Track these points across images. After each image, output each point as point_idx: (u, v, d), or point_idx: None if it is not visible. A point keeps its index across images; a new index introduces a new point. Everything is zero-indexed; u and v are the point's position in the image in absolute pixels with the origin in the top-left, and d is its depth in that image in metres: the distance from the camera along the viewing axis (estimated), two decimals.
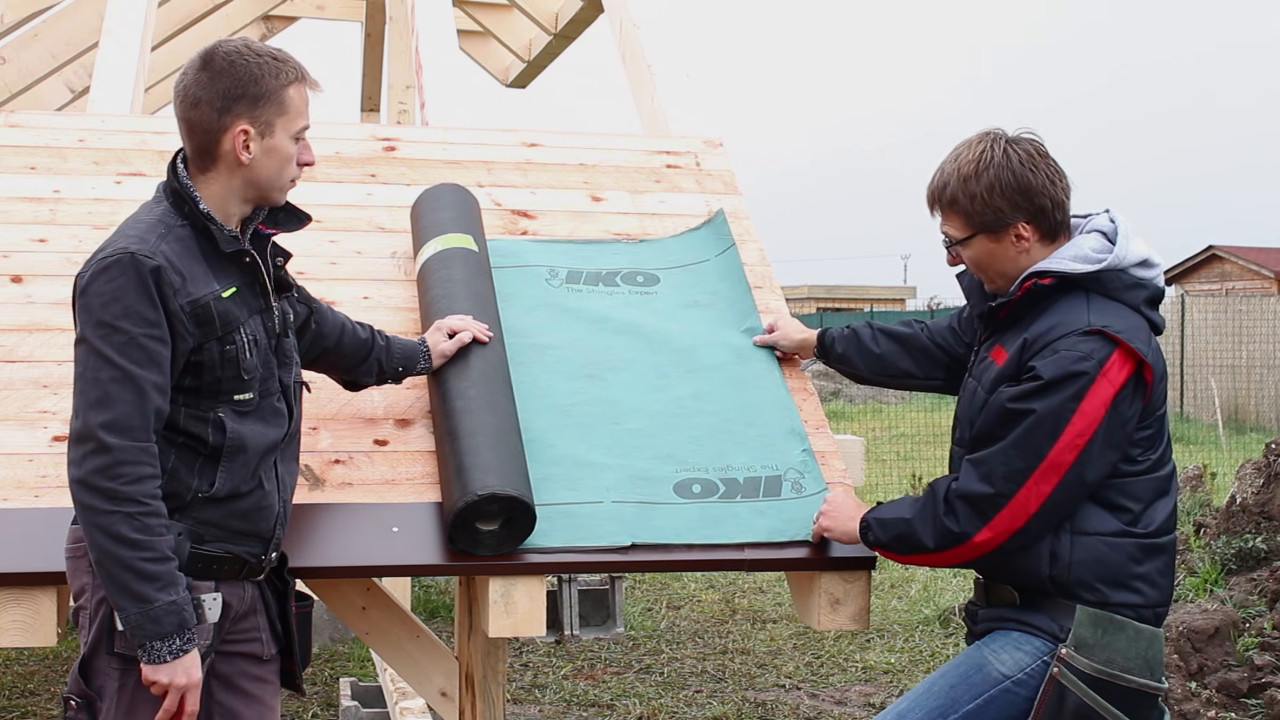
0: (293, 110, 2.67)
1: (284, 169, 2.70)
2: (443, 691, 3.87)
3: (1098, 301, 2.82)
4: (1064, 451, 2.70)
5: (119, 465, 2.44)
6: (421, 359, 3.22)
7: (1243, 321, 21.01)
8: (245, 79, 2.62)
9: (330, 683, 6.51)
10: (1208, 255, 32.85)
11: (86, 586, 2.59)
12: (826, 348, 3.52)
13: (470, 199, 3.82)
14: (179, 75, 2.70)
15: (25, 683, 6.54)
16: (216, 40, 2.73)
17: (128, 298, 2.49)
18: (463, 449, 2.98)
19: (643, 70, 5.11)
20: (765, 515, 3.17)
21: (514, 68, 9.07)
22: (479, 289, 3.44)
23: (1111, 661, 2.74)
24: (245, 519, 2.66)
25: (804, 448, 3.35)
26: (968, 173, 2.88)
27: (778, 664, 7.04)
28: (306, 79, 2.71)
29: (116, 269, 2.49)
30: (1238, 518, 7.42)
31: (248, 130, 2.63)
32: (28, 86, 6.92)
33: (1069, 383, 2.70)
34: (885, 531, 2.89)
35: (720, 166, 4.41)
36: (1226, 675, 5.66)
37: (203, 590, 2.59)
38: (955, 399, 3.15)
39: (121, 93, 4.64)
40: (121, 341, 2.47)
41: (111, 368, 2.46)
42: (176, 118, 2.69)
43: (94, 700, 2.58)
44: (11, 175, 3.86)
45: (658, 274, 3.87)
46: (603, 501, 3.14)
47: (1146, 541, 2.80)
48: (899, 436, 15.80)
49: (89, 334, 2.49)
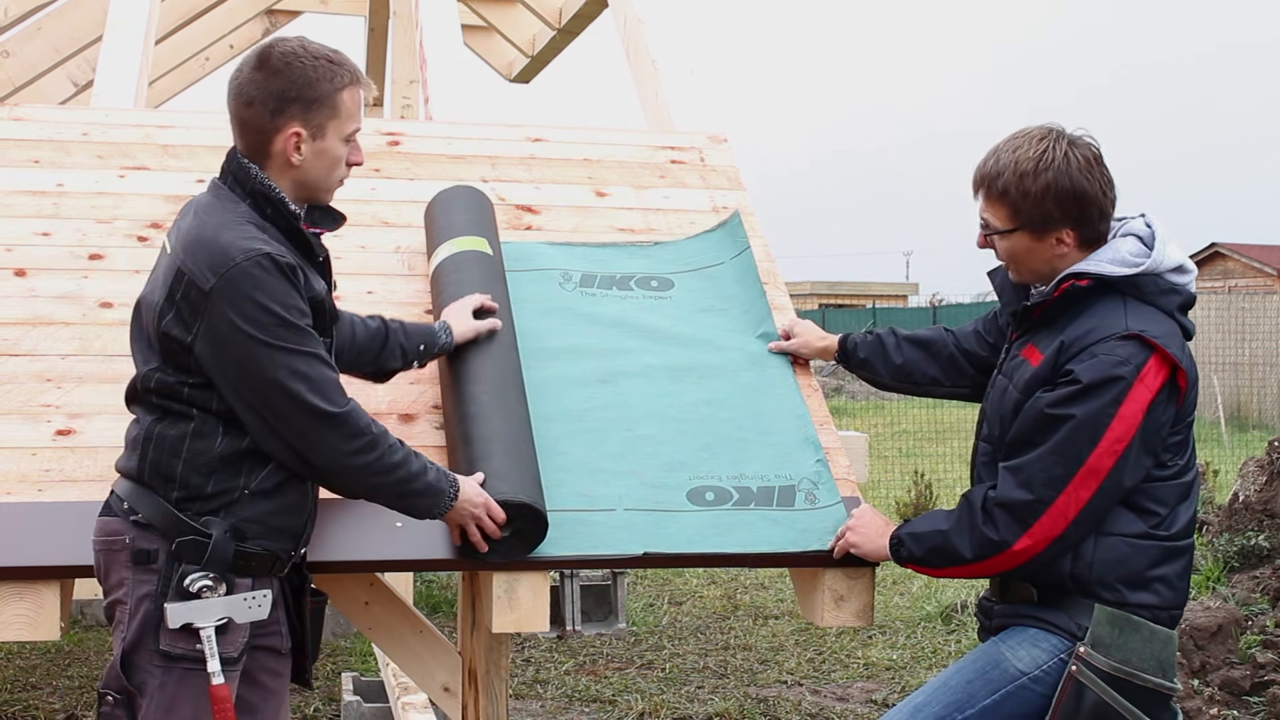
0: (345, 114, 2.70)
1: (333, 170, 2.74)
2: (445, 687, 3.87)
3: (1134, 305, 2.80)
4: (1103, 457, 2.69)
5: (354, 420, 2.62)
6: (442, 334, 3.23)
7: (1245, 319, 20.98)
8: (300, 82, 2.65)
9: (332, 677, 6.51)
10: (1211, 253, 32.84)
11: (125, 580, 2.61)
12: (848, 354, 3.49)
13: (485, 201, 3.81)
14: (234, 70, 2.72)
15: (28, 677, 6.55)
16: (274, 38, 2.75)
17: (285, 294, 2.58)
18: (475, 455, 2.97)
19: (647, 65, 5.10)
20: (779, 525, 3.14)
21: (518, 63, 9.05)
22: (493, 293, 3.43)
23: (1127, 661, 2.74)
24: (284, 516, 2.68)
25: (818, 458, 3.31)
26: (1026, 169, 2.82)
27: (780, 660, 7.04)
28: (360, 82, 2.74)
29: (258, 270, 2.55)
30: (1240, 515, 7.42)
31: (300, 133, 2.66)
32: (31, 80, 6.92)
33: (1108, 387, 2.69)
34: (920, 545, 2.88)
35: (725, 162, 4.40)
36: (1229, 673, 5.66)
37: (244, 589, 2.62)
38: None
39: (125, 87, 4.64)
40: (295, 332, 2.58)
41: (302, 356, 2.57)
42: (229, 113, 2.72)
43: (133, 696, 2.58)
44: (15, 169, 3.85)
45: (672, 278, 3.83)
46: (615, 509, 3.12)
47: (1168, 545, 2.80)
48: (901, 433, 15.79)
49: (257, 333, 2.54)
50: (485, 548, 2.86)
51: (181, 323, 2.57)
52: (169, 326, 2.58)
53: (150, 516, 2.59)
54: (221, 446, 2.60)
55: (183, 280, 2.58)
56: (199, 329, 2.56)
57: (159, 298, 2.61)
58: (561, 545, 3.00)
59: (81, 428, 3.13)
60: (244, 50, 9.22)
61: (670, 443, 3.30)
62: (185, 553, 2.57)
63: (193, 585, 2.56)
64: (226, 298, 2.54)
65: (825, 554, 3.09)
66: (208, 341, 2.56)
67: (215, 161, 3.99)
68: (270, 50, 2.68)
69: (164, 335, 2.59)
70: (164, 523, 2.58)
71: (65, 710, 6.02)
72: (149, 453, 2.61)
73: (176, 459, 2.59)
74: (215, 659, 2.56)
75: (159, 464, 2.60)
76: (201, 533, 2.58)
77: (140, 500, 2.60)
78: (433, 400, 3.35)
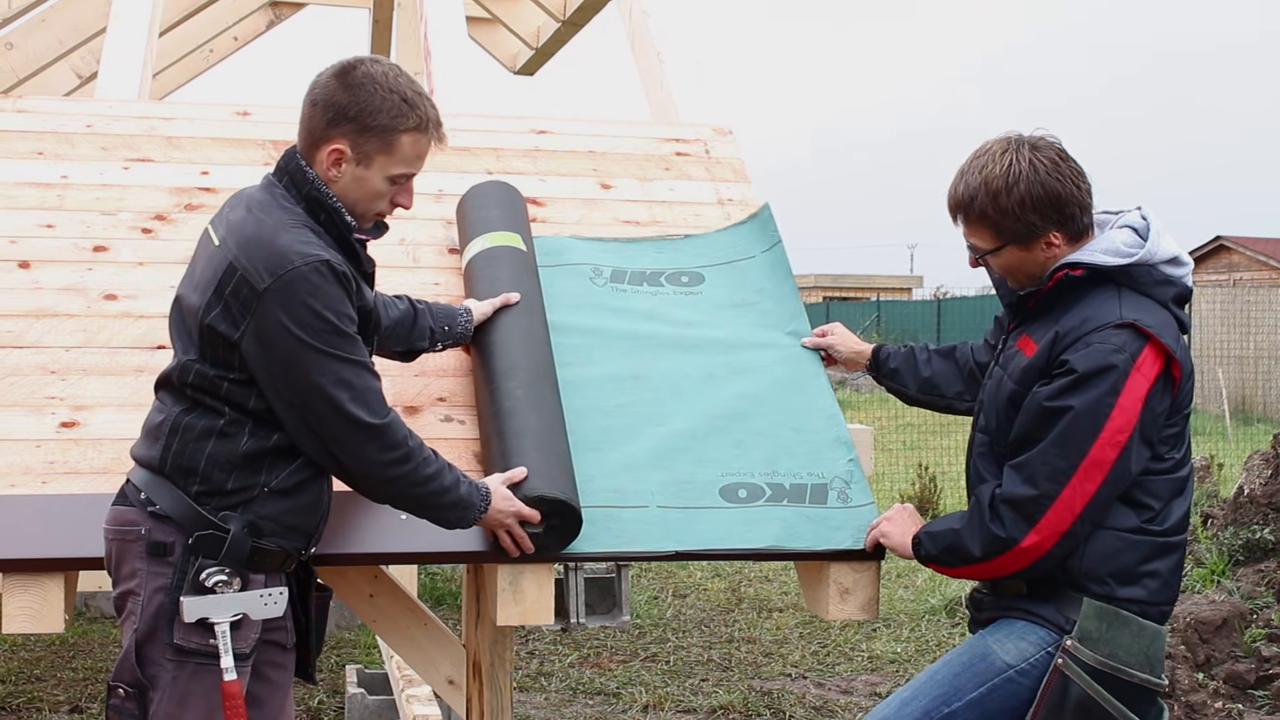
0: (398, 155, 2.70)
1: (370, 202, 2.74)
2: (450, 679, 3.87)
3: (1128, 295, 2.80)
4: (1105, 448, 2.68)
5: (393, 433, 2.63)
6: (463, 315, 3.28)
7: (1251, 312, 20.95)
8: (365, 106, 2.65)
9: (336, 670, 6.51)
10: (1216, 246, 32.78)
11: (139, 572, 2.60)
12: (880, 363, 3.49)
13: (517, 197, 3.81)
14: (322, 69, 2.73)
15: (32, 668, 6.55)
16: (371, 57, 2.76)
17: (339, 301, 2.60)
18: (510, 450, 2.97)
19: (651, 58, 5.09)
20: (811, 522, 3.13)
21: (522, 55, 9.04)
22: (525, 288, 3.43)
23: (1114, 655, 2.74)
24: (300, 514, 2.70)
25: (850, 457, 3.31)
26: (997, 188, 2.81)
27: (784, 653, 7.03)
28: (430, 132, 2.73)
29: (316, 276, 2.56)
30: (1245, 509, 7.40)
31: (343, 151, 2.67)
32: (35, 72, 6.92)
33: (1104, 376, 2.68)
34: (935, 544, 2.88)
35: (730, 154, 4.39)
36: (1234, 666, 5.65)
37: (258, 585, 2.63)
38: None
39: (129, 78, 4.63)
40: (345, 340, 2.60)
41: (348, 364, 2.59)
42: (302, 106, 2.73)
43: (145, 689, 2.58)
44: (19, 160, 3.85)
45: (702, 273, 3.82)
46: (648, 506, 3.11)
47: (1161, 540, 2.79)
48: (905, 426, 15.76)
49: (308, 337, 2.55)
50: (517, 553, 2.89)
51: (229, 319, 2.57)
52: (215, 321, 2.58)
53: (169, 508, 2.59)
54: (247, 445, 2.60)
55: (234, 276, 2.57)
56: (247, 326, 2.56)
57: (206, 291, 2.61)
58: (594, 541, 2.99)
59: (85, 420, 3.13)
60: (248, 42, 9.25)
61: (703, 439, 3.29)
62: (203, 547, 2.57)
63: (208, 580, 2.57)
64: (280, 300, 2.54)
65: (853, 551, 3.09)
66: (255, 340, 2.56)
67: (219, 154, 4.03)
68: (357, 64, 2.70)
69: (208, 328, 2.59)
70: (182, 516, 2.58)
71: (70, 702, 6.02)
72: (172, 444, 2.61)
73: (200, 453, 2.59)
74: (229, 655, 2.57)
75: (182, 456, 2.60)
76: (220, 528, 2.58)
77: (159, 491, 2.60)
78: (437, 393, 3.35)
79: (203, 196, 3.84)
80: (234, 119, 4.19)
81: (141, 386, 3.20)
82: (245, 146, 4.07)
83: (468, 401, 3.34)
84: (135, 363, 3.28)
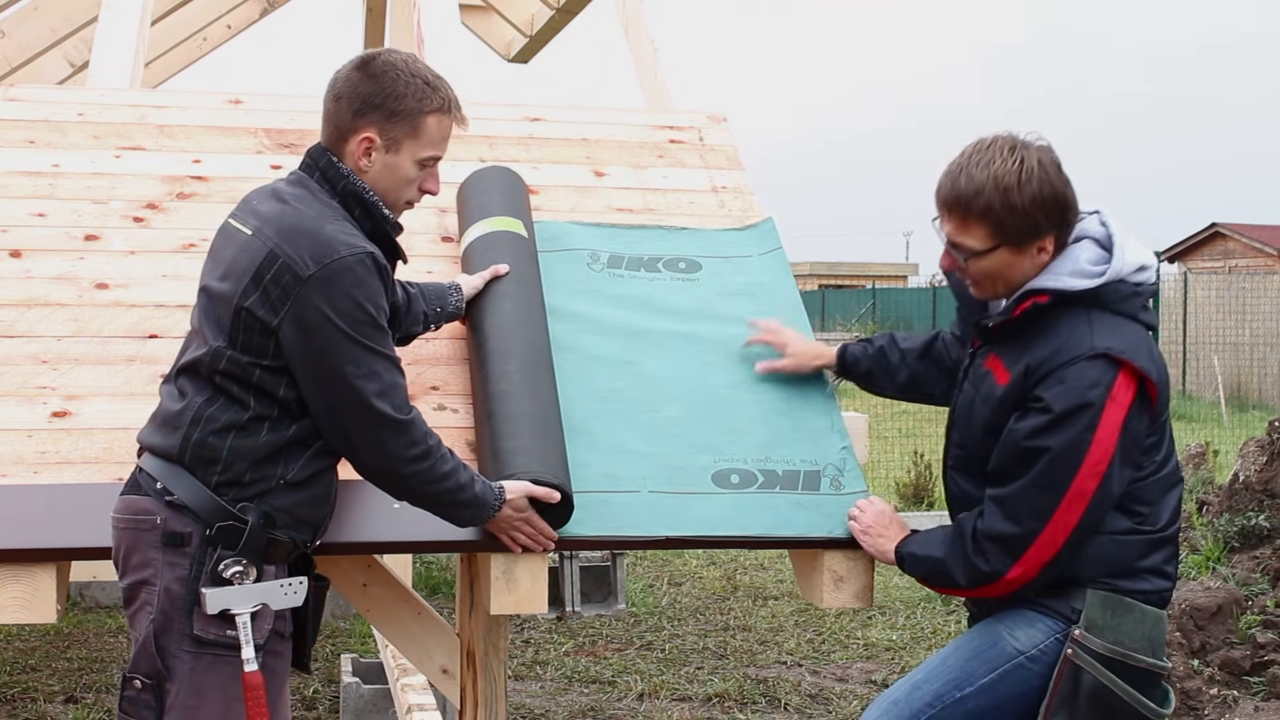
0: (425, 138, 2.74)
1: (401, 189, 2.77)
2: (444, 668, 3.86)
3: (1099, 318, 2.74)
4: (1086, 480, 2.67)
5: (415, 429, 2.65)
6: (453, 294, 3.29)
7: (1246, 299, 20.97)
8: (389, 92, 2.70)
9: (331, 659, 6.51)
10: (1211, 233, 32.79)
11: (153, 561, 2.60)
12: (849, 367, 3.39)
13: (519, 183, 3.80)
14: (340, 66, 2.75)
15: (26, 659, 6.54)
16: (387, 48, 2.80)
17: (378, 295, 2.64)
18: (502, 433, 2.97)
19: (645, 45, 5.08)
20: (804, 509, 3.13)
21: (516, 42, 9.00)
22: (525, 273, 3.42)
23: (1120, 643, 2.75)
24: (311, 507, 2.71)
25: (844, 444, 3.30)
26: (1009, 184, 2.70)
27: (779, 641, 7.04)
28: (452, 113, 2.78)
29: (361, 268, 2.59)
30: (1240, 495, 7.42)
31: (372, 139, 2.70)
32: (27, 61, 6.89)
33: (1080, 414, 2.66)
34: (919, 567, 2.89)
35: (724, 142, 4.38)
36: (1229, 653, 5.66)
37: (270, 575, 2.64)
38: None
39: (121, 67, 4.60)
40: (380, 334, 2.63)
41: (381, 358, 2.62)
42: (324, 103, 2.76)
43: (163, 680, 2.58)
44: (10, 149, 3.83)
45: (700, 261, 3.81)
46: (640, 491, 3.11)
47: (1154, 537, 2.80)
48: (900, 413, 15.76)
49: (346, 327, 2.57)
50: (519, 550, 2.90)
51: (269, 305, 2.57)
52: (254, 306, 2.58)
53: (187, 498, 2.58)
54: (269, 437, 2.61)
55: (275, 263, 2.58)
56: (287, 312, 2.57)
57: (242, 279, 2.60)
58: (585, 526, 2.99)
59: (77, 409, 3.11)
60: (241, 30, 9.21)
61: (696, 425, 3.29)
62: (221, 538, 2.58)
63: (226, 571, 2.57)
64: (323, 289, 2.56)
65: (846, 539, 3.08)
66: (294, 326, 2.57)
67: (211, 142, 4.01)
68: (376, 56, 2.74)
69: (246, 312, 2.58)
70: (201, 506, 2.58)
71: (64, 692, 6.02)
72: (193, 434, 2.60)
73: (223, 444, 2.59)
74: (250, 645, 2.58)
75: (203, 446, 2.59)
76: (239, 519, 2.59)
77: (177, 481, 2.59)
78: (430, 381, 3.34)
79: (195, 185, 3.82)
80: (226, 107, 4.17)
81: (133, 376, 3.19)
82: (238, 135, 4.06)
83: (461, 390, 3.33)
84: (127, 352, 3.27)
